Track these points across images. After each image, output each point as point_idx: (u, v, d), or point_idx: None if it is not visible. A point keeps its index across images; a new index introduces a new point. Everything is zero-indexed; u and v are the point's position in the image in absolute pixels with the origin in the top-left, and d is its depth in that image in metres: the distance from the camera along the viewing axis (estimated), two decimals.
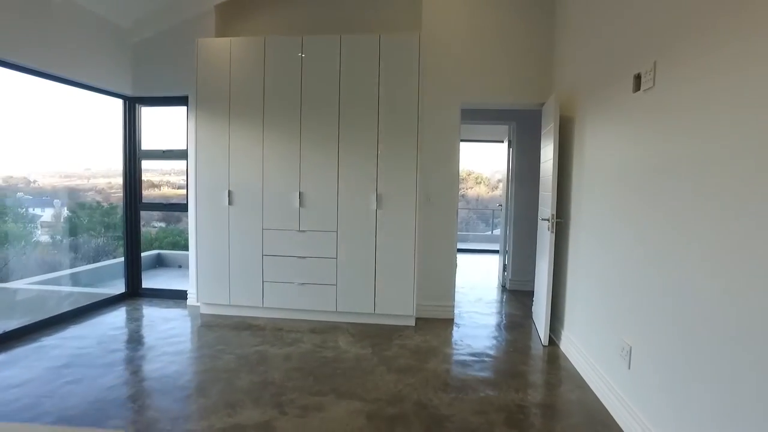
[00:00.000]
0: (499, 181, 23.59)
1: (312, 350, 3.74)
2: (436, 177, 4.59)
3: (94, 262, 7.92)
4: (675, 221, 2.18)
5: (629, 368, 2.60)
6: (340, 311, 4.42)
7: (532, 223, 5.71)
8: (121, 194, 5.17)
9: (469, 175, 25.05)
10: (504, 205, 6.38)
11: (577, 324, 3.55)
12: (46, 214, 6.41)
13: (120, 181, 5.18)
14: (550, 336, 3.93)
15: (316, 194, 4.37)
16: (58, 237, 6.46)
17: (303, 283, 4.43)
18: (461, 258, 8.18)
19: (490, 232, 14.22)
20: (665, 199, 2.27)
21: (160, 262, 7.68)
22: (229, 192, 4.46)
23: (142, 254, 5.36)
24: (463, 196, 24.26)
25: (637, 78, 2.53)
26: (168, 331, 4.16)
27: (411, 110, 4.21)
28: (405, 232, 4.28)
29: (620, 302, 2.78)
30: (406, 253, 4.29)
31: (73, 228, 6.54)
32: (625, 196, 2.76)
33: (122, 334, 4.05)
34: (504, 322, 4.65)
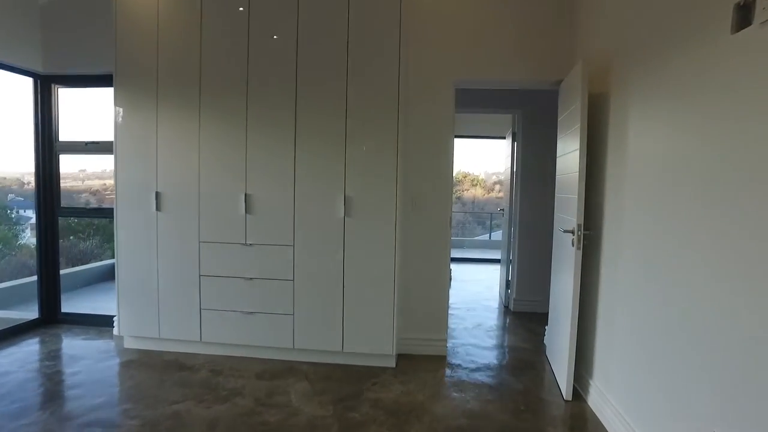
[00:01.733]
0: (495, 183, 22.85)
1: (251, 410, 2.73)
2: (424, 176, 3.60)
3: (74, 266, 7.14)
4: None
5: None
6: (298, 348, 3.42)
7: (541, 231, 4.72)
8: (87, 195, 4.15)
9: (465, 176, 24.30)
10: (507, 209, 5.39)
11: (616, 378, 2.56)
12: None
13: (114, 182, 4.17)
14: (574, 386, 2.94)
15: (268, 197, 3.37)
16: None
17: (251, 312, 3.43)
18: (456, 269, 7.20)
19: (488, 237, 13.23)
20: None
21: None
22: (157, 194, 3.46)
23: (95, 265, 4.35)
24: (459, 198, 23.47)
25: (743, 7, 1.55)
26: (70, 378, 3.14)
27: (390, 89, 3.22)
28: (382, 246, 3.29)
29: (694, 367, 1.79)
30: (384, 272, 3.30)
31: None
32: (702, 209, 1.78)
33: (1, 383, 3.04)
34: (511, 360, 3.65)
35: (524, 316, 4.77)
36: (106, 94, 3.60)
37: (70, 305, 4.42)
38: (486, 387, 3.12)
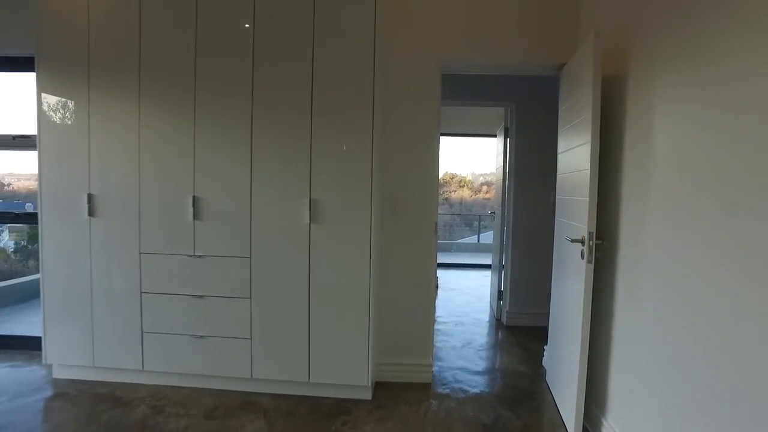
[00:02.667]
0: (483, 184, 22.57)
1: None
2: (405, 174, 3.10)
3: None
4: None
5: None
6: (257, 378, 2.90)
7: (537, 235, 4.27)
8: None
9: (453, 178, 24.07)
10: (499, 211, 4.92)
11: (638, 420, 2.08)
12: None
13: None
14: (583, 425, 2.46)
15: (220, 201, 2.85)
16: (23, 243, 6.04)
17: (201, 336, 2.90)
18: (443, 276, 6.72)
19: (476, 240, 12.78)
20: None
21: None
22: (90, 197, 2.91)
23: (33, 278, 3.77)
24: (446, 199, 23.23)
25: None
26: None
27: (364, 75, 2.72)
28: (355, 257, 2.79)
29: (738, 419, 1.32)
30: (358, 288, 2.80)
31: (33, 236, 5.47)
32: (762, 230, 1.31)
33: None
34: (507, 388, 3.16)
35: (519, 332, 4.30)
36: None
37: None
38: (479, 426, 2.63)
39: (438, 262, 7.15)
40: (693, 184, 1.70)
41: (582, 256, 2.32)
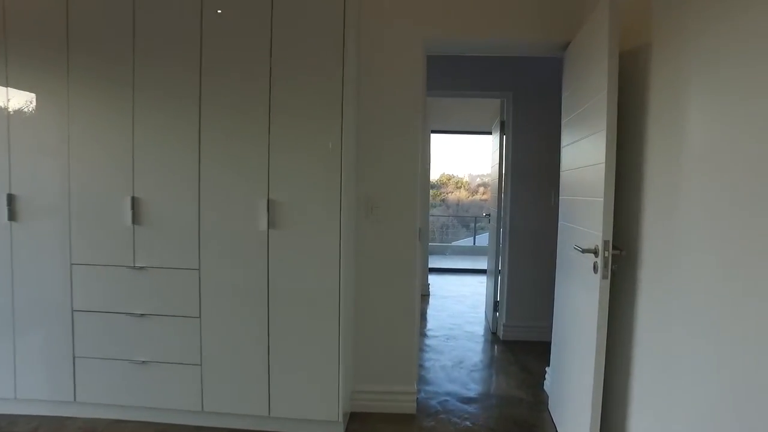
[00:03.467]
0: (479, 185, 22.26)
1: None
2: (383, 172, 2.67)
3: None
4: None
5: None
6: (209, 411, 2.46)
7: (537, 239, 3.86)
8: None
9: (449, 179, 23.82)
10: (494, 213, 4.48)
11: None
12: None
13: None
14: None
15: (163, 202, 2.41)
16: None
17: (143, 362, 2.46)
18: (435, 281, 6.29)
19: (472, 242, 12.35)
20: None
21: None
22: (10, 198, 2.47)
23: None
24: (443, 201, 23.00)
25: None
26: None
27: (331, 53, 2.29)
28: (322, 268, 2.35)
29: None
30: (326, 305, 2.36)
31: None
32: None
33: None
34: (504, 419, 2.72)
35: (517, 347, 3.86)
36: None
37: None
38: None
39: (431, 267, 6.81)
40: (749, 192, 1.27)
41: (595, 270, 1.89)
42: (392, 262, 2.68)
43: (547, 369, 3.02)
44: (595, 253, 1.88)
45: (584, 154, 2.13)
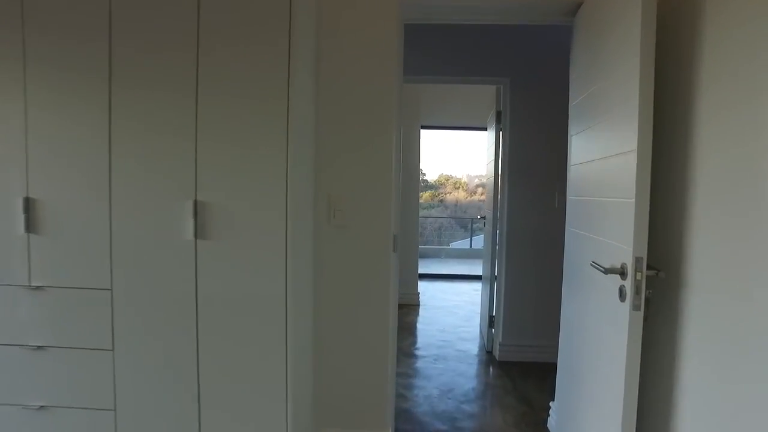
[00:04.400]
0: (478, 186, 21.89)
1: None
2: (348, 171, 2.15)
3: None
4: None
5: None
6: None
7: (538, 247, 3.40)
8: None
9: (448, 179, 23.54)
10: (490, 215, 3.96)
11: None
12: None
13: None
14: None
15: (66, 205, 1.89)
16: None
17: (42, 407, 1.94)
18: (427, 289, 5.78)
19: (468, 245, 11.83)
20: None
21: None
22: None
23: None
24: (441, 201, 22.71)
25: None
26: None
27: (275, 19, 1.77)
28: (265, 287, 1.83)
29: None
30: (270, 334, 1.84)
31: None
32: None
33: None
34: None
35: (514, 371, 3.35)
36: None
37: None
38: None
39: (422, 272, 6.28)
40: None
41: (622, 297, 1.38)
42: (361, 277, 2.17)
43: (551, 404, 2.51)
44: (622, 273, 1.37)
45: (603, 142, 1.62)
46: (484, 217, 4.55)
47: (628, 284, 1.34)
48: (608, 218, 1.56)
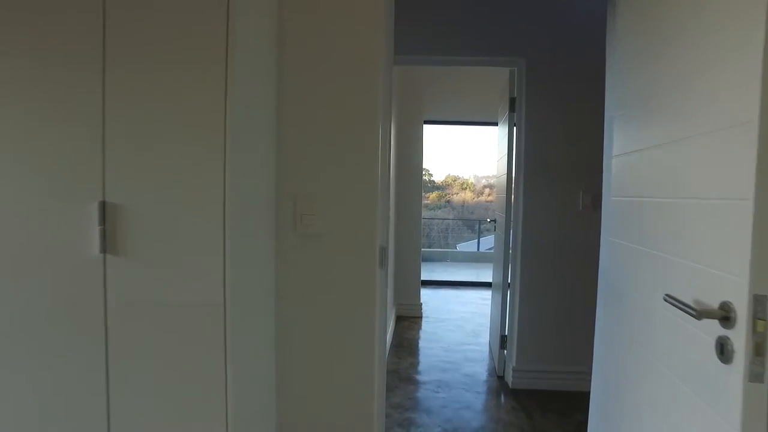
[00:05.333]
0: (485, 186, 21.42)
1: None
2: (321, 165, 1.65)
3: None
4: None
5: None
6: None
7: (559, 257, 2.90)
8: None
9: (455, 180, 23.28)
10: (502, 219, 3.44)
11: None
12: None
13: None
14: None
15: None
16: None
17: None
18: (431, 297, 5.28)
19: (476, 248, 11.31)
20: None
21: None
22: None
23: None
24: (448, 202, 22.43)
25: None
26: None
27: None
28: (200, 322, 1.33)
29: None
30: (204, 385, 1.34)
31: None
32: None
33: None
34: None
35: (532, 403, 2.84)
36: None
37: None
38: None
39: (425, 279, 5.76)
40: None
41: (725, 356, 0.87)
42: (338, 302, 1.67)
43: None
44: (726, 319, 0.86)
45: (679, 117, 1.11)
46: (494, 221, 4.04)
47: (740, 337, 0.83)
48: (689, 229, 1.05)
